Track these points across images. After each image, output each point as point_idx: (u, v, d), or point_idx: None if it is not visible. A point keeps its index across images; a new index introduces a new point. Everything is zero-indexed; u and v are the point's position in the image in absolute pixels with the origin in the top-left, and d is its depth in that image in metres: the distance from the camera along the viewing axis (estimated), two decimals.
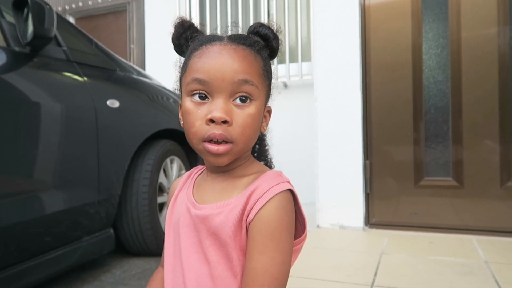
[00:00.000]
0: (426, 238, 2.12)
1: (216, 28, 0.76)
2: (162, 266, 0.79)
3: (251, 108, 0.63)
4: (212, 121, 0.61)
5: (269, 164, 0.76)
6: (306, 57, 3.29)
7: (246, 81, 0.62)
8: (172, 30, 0.70)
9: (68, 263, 1.54)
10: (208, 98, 0.63)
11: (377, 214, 2.34)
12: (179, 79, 0.69)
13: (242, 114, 0.62)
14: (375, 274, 1.61)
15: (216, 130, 0.61)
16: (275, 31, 0.69)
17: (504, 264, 1.69)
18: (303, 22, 3.36)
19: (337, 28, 2.37)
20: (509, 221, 2.11)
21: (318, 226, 2.39)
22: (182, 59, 0.70)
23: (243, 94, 0.62)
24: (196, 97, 0.63)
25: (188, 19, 0.70)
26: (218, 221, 0.63)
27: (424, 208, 2.26)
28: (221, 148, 0.62)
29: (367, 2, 2.36)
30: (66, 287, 1.63)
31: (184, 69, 0.67)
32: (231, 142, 0.62)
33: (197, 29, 0.70)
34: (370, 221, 2.35)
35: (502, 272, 1.60)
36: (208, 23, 3.66)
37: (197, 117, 0.62)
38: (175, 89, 0.72)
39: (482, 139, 2.17)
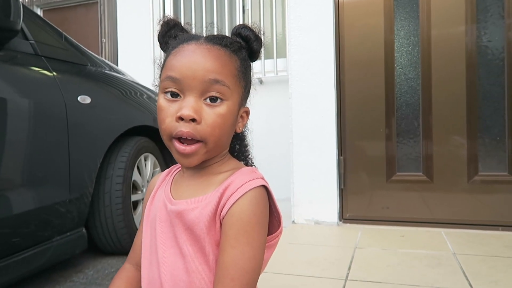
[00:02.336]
0: (398, 231, 2.18)
1: (201, 27, 0.78)
2: (130, 263, 0.79)
3: (221, 108, 0.64)
4: (181, 118, 0.62)
5: (249, 164, 0.77)
6: (282, 53, 3.30)
7: (217, 81, 0.63)
8: (158, 28, 0.71)
9: (38, 264, 1.49)
10: (180, 96, 0.64)
11: (351, 209, 2.39)
12: (159, 77, 0.70)
13: (212, 114, 0.63)
14: (349, 268, 1.64)
15: (184, 128, 0.62)
16: (257, 33, 0.69)
17: (470, 256, 1.76)
18: (278, 18, 3.37)
19: (312, 25, 2.39)
20: (475, 214, 2.19)
21: (293, 222, 2.41)
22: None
23: (214, 94, 0.63)
24: (169, 95, 0.64)
25: (174, 18, 0.72)
26: (193, 216, 0.64)
27: (396, 203, 2.32)
28: (187, 148, 0.63)
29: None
30: None
31: (162, 67, 0.68)
32: (201, 141, 0.63)
33: (182, 28, 0.71)
34: (344, 216, 2.39)
35: (469, 263, 1.66)
36: (182, 18, 3.61)
37: (167, 114, 0.63)
38: (155, 86, 0.72)
39: (450, 135, 2.25)
